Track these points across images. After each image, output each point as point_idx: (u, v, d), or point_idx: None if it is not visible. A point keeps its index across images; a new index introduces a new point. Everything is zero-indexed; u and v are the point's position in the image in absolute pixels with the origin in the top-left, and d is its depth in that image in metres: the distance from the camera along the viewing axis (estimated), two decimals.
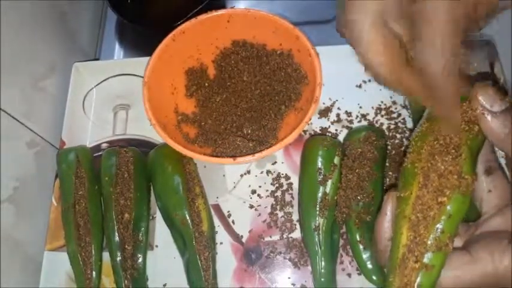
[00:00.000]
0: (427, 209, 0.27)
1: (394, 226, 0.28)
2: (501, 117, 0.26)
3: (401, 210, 0.28)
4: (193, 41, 0.46)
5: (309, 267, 0.41)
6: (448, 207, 0.26)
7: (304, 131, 0.48)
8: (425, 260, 0.26)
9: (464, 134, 0.27)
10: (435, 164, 0.27)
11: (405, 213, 0.27)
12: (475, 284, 0.26)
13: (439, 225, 0.26)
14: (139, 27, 0.55)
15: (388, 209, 0.30)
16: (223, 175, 0.47)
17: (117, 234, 0.41)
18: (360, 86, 0.50)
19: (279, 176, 0.46)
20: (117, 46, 0.60)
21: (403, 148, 0.46)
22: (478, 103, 0.27)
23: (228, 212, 0.45)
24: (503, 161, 0.31)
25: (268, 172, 0.47)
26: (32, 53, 0.47)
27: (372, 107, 0.48)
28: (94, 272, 0.41)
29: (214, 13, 0.45)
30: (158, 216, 0.45)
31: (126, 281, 0.41)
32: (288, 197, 0.45)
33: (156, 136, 0.46)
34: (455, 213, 0.26)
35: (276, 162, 0.47)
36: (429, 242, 0.26)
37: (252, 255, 0.43)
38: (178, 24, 0.45)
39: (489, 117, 0.26)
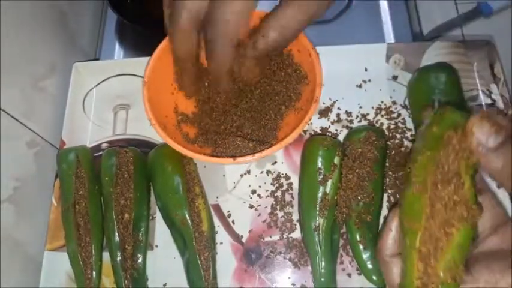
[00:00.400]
0: (435, 241, 0.27)
1: (404, 257, 0.28)
2: (497, 151, 0.26)
3: (410, 242, 0.28)
4: None
5: (309, 267, 0.41)
6: (457, 238, 0.26)
7: (304, 131, 0.48)
8: None
9: (464, 162, 0.27)
10: (439, 194, 0.27)
11: (415, 246, 0.27)
12: None
13: (449, 256, 0.26)
14: (139, 27, 0.55)
15: (393, 226, 0.30)
16: (223, 175, 0.47)
17: (117, 234, 0.41)
18: (360, 86, 0.50)
19: (279, 176, 0.46)
20: (117, 46, 0.60)
21: (403, 148, 0.46)
22: (474, 137, 0.27)
23: (228, 212, 0.45)
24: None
25: (268, 172, 0.47)
26: (32, 53, 0.47)
27: (372, 107, 0.48)
28: (94, 272, 0.41)
29: None
30: (158, 216, 0.45)
31: (126, 281, 0.41)
32: (288, 197, 0.45)
33: (156, 136, 0.46)
34: (463, 242, 0.26)
35: (276, 162, 0.47)
36: (441, 274, 0.26)
37: (252, 255, 0.43)
38: None
39: (484, 152, 0.26)
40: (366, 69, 0.50)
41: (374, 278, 0.39)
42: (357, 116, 0.48)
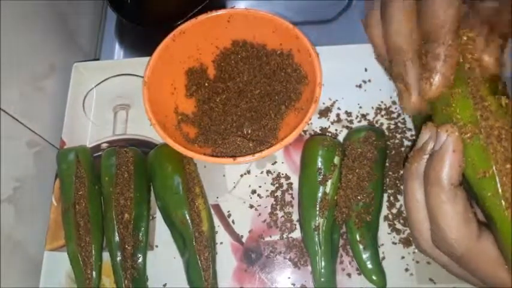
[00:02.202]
0: None
1: (488, 210, 0.25)
2: None
3: (492, 191, 0.25)
4: (193, 41, 0.46)
5: (309, 267, 0.41)
6: None
7: (304, 131, 0.48)
8: None
9: (479, 83, 0.26)
10: (492, 128, 0.25)
11: (498, 193, 0.24)
12: None
13: None
14: (139, 27, 0.55)
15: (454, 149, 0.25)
16: (223, 175, 0.47)
17: (117, 234, 0.41)
18: (360, 86, 0.50)
19: (279, 176, 0.46)
20: (117, 46, 0.60)
21: (403, 148, 0.46)
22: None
23: (228, 212, 0.45)
24: None
25: (268, 172, 0.47)
26: (32, 53, 0.47)
27: (372, 107, 0.48)
28: (94, 272, 0.41)
29: (214, 13, 0.45)
30: (158, 216, 0.45)
31: (126, 281, 0.41)
32: (288, 197, 0.45)
33: (156, 136, 0.46)
34: None
35: (276, 162, 0.47)
36: None
37: (252, 255, 0.43)
38: (178, 24, 0.45)
39: None
40: (365, 69, 0.50)
41: (374, 278, 0.39)
42: (357, 116, 0.48)
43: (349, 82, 0.50)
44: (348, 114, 0.48)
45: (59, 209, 0.45)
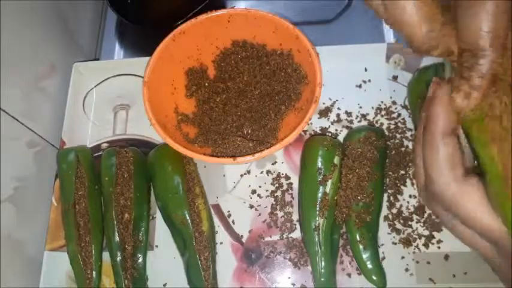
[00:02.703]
0: None
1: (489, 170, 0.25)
2: None
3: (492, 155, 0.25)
4: (193, 41, 0.46)
5: (309, 267, 0.41)
6: None
7: (304, 131, 0.48)
8: None
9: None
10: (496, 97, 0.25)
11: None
12: None
13: None
14: (139, 27, 0.55)
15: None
16: (223, 175, 0.47)
17: (117, 234, 0.41)
18: (360, 86, 0.50)
19: (279, 176, 0.46)
20: (117, 46, 0.60)
21: (403, 148, 0.46)
22: None
23: (228, 212, 0.45)
24: None
25: (268, 172, 0.47)
26: (32, 53, 0.47)
27: (372, 107, 0.48)
28: (94, 272, 0.41)
29: (214, 13, 0.45)
30: (158, 216, 0.45)
31: (126, 281, 0.41)
32: (288, 197, 0.45)
33: (156, 136, 0.46)
34: None
35: (276, 162, 0.47)
36: None
37: (252, 255, 0.43)
38: (178, 24, 0.45)
39: None
40: (365, 69, 0.50)
41: (374, 278, 0.39)
42: (357, 116, 0.48)
43: (349, 82, 0.50)
44: (348, 114, 0.48)
45: (59, 209, 0.45)
